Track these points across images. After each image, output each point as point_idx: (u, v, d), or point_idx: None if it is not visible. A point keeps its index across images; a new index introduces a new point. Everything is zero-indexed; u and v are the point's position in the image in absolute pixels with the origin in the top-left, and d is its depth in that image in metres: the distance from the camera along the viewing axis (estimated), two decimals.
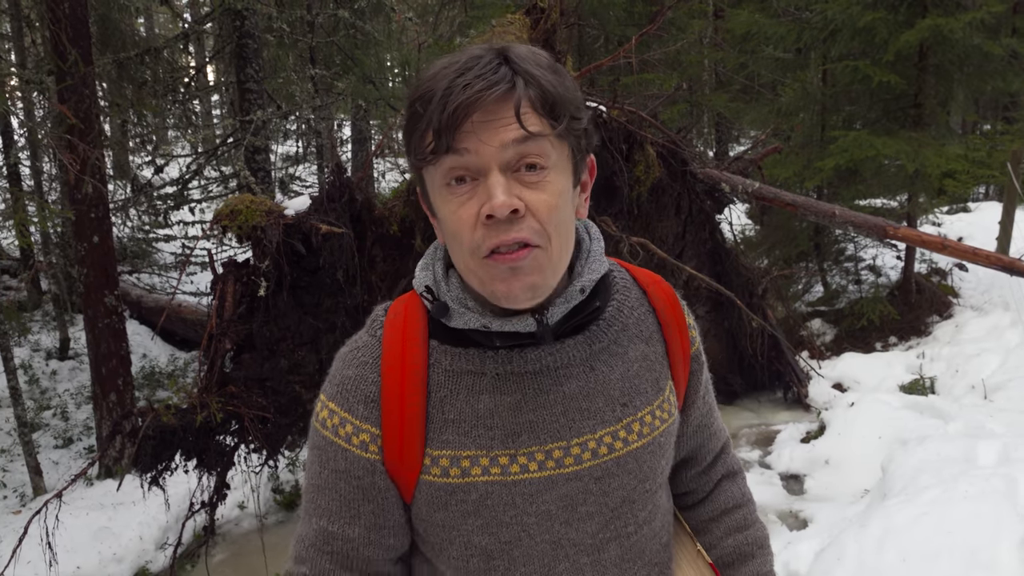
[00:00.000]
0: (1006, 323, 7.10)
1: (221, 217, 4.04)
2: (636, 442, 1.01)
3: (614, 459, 1.00)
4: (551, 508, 0.98)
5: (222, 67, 10.41)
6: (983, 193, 17.03)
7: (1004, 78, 8.08)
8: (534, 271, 0.90)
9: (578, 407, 0.99)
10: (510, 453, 0.97)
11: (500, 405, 0.97)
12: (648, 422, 1.03)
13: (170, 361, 8.27)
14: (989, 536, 3.11)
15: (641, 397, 1.03)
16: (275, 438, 4.27)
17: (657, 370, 1.06)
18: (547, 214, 0.89)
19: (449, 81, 0.87)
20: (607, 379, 1.01)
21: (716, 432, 1.22)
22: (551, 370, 0.98)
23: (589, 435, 0.99)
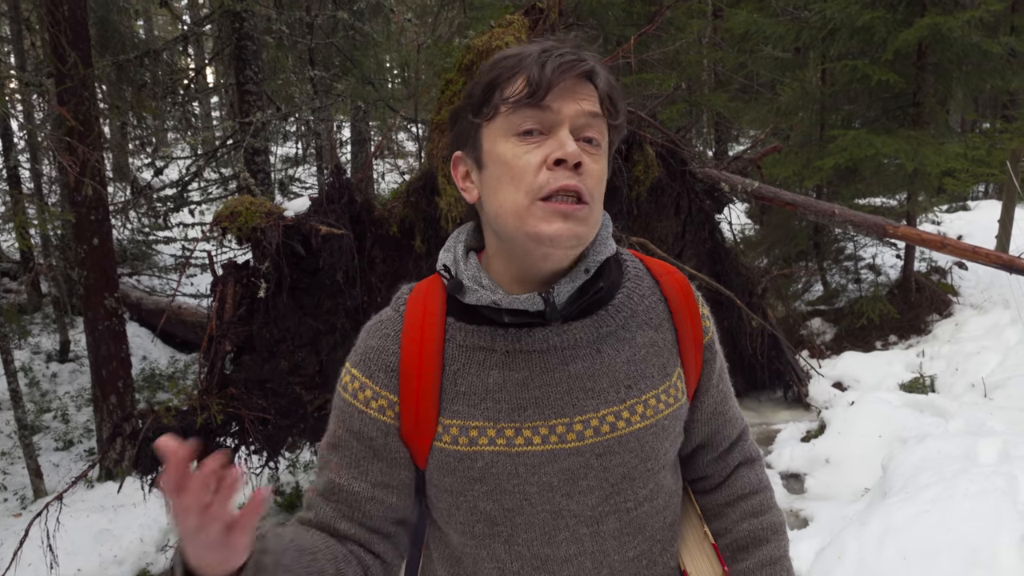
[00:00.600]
0: (1006, 321, 7.10)
1: (221, 219, 4.05)
2: (639, 423, 1.06)
3: (615, 437, 1.05)
4: (552, 480, 1.04)
5: (221, 69, 10.42)
6: (982, 191, 17.03)
7: (1003, 76, 8.08)
8: (582, 223, 0.98)
9: (582, 386, 1.04)
10: (515, 426, 1.03)
11: (508, 380, 1.04)
12: (652, 405, 1.07)
13: (170, 363, 8.27)
14: (989, 534, 3.11)
15: (646, 381, 1.07)
16: (275, 440, 4.27)
17: (665, 356, 1.10)
18: (596, 181, 1.00)
19: (540, 50, 0.99)
20: (613, 361, 1.06)
21: (732, 419, 1.24)
22: (558, 350, 1.04)
23: (592, 413, 1.04)
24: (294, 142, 12.71)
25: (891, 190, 9.20)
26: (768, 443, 5.41)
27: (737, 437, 1.26)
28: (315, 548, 1.05)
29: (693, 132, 12.25)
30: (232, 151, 8.18)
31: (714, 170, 5.95)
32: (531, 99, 0.96)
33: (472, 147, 1.05)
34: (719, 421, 1.22)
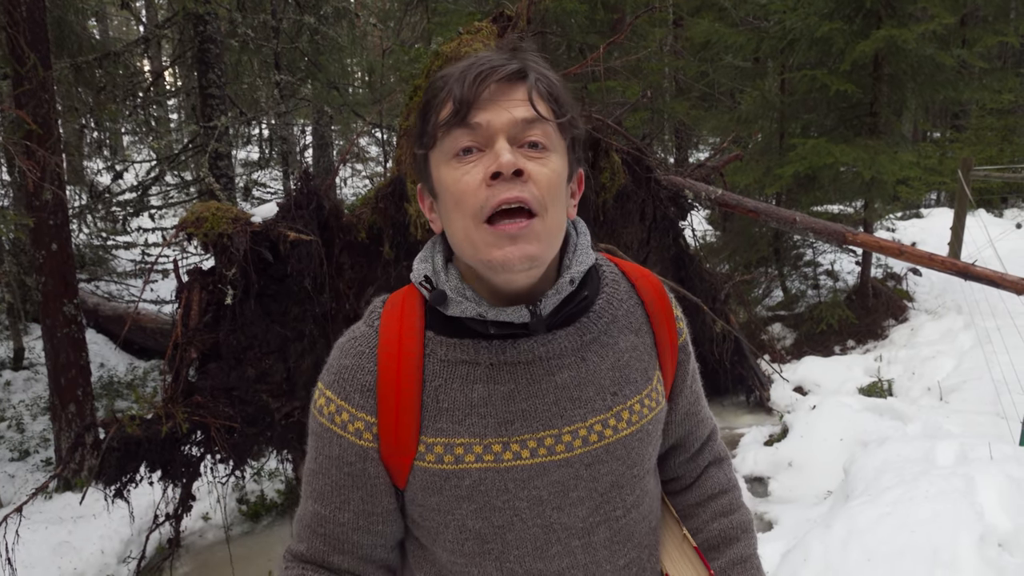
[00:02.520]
0: (959, 326, 7.30)
1: (187, 224, 3.99)
2: (625, 430, 1.05)
3: (603, 446, 1.04)
4: (542, 494, 1.01)
5: (183, 72, 10.27)
6: (935, 199, 17.47)
7: (955, 87, 8.31)
8: (533, 240, 0.93)
9: (569, 396, 1.02)
10: (503, 441, 1.00)
11: (494, 394, 1.00)
12: (637, 410, 1.07)
13: (129, 370, 8.11)
14: (949, 534, 3.19)
15: (631, 386, 1.07)
16: (242, 448, 4.23)
17: (646, 360, 1.10)
18: (546, 184, 0.95)
19: (466, 66, 0.96)
20: (598, 369, 1.05)
21: (703, 420, 1.26)
22: (543, 360, 1.02)
23: (580, 423, 1.02)
24: (257, 146, 12.58)
25: (848, 198, 9.40)
26: (732, 447, 5.48)
27: (707, 437, 1.27)
28: None
29: (655, 139, 12.37)
30: (194, 155, 8.07)
31: (678, 177, 6.02)
32: (457, 117, 0.93)
33: (425, 177, 1.02)
34: (692, 422, 1.23)
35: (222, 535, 4.98)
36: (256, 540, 5.08)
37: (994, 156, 14.39)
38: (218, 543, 4.94)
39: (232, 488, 5.36)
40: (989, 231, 10.11)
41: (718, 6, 10.91)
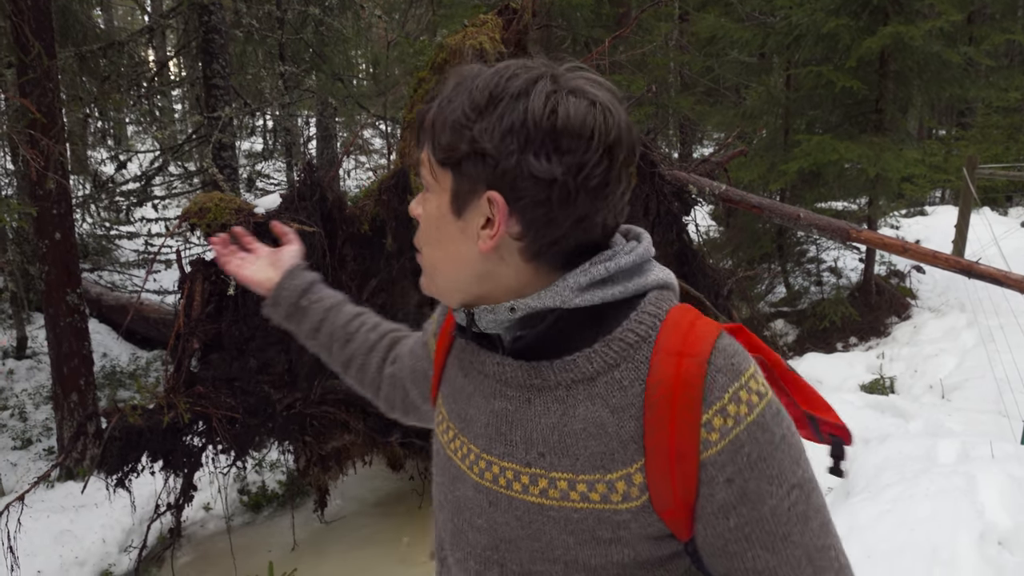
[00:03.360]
0: (962, 324, 7.29)
1: (189, 215, 4.00)
2: (535, 498, 0.93)
3: (507, 496, 0.96)
4: (460, 500, 1.02)
5: (187, 62, 10.26)
6: (939, 197, 17.43)
7: (961, 85, 8.29)
8: (426, 272, 1.01)
9: (497, 427, 0.97)
10: (455, 430, 1.04)
11: (464, 388, 1.04)
12: (562, 488, 0.91)
13: (132, 360, 8.13)
14: (949, 533, 3.19)
15: (565, 460, 0.91)
16: (243, 439, 4.23)
17: (612, 447, 0.90)
18: (420, 229, 0.98)
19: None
20: (536, 419, 0.94)
21: (765, 573, 0.90)
22: (492, 379, 0.99)
23: (496, 459, 0.97)
24: (260, 137, 12.57)
25: (852, 194, 9.39)
26: None
27: None
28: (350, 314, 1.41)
29: (659, 134, 12.36)
30: (198, 146, 8.07)
31: (682, 172, 6.01)
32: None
33: None
34: (736, 566, 0.91)
35: (223, 525, 5.00)
36: (257, 531, 5.10)
37: (1000, 154, 14.35)
38: (219, 533, 4.96)
39: (233, 479, 5.38)
40: (994, 229, 10.08)
41: (724, 1, 10.87)
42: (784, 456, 0.89)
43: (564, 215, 0.88)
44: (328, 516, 5.06)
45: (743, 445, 0.86)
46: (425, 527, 5.02)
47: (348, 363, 1.41)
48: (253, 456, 5.49)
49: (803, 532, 0.89)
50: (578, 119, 0.84)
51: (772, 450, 0.88)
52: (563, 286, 0.90)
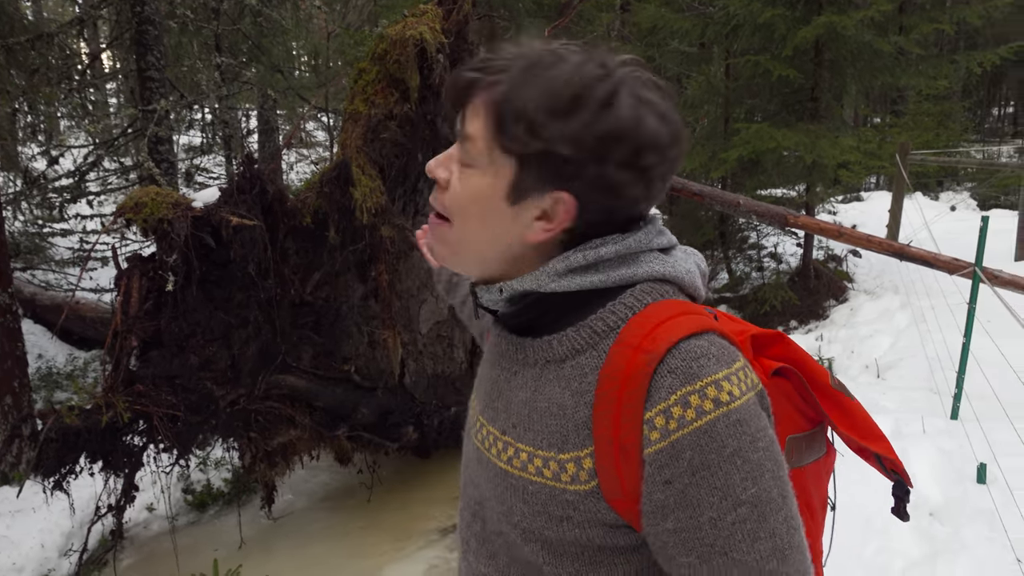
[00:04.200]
0: (896, 306, 7.52)
1: (125, 210, 3.90)
2: (503, 464, 0.99)
3: (487, 457, 1.03)
4: (468, 454, 1.11)
5: (120, 54, 9.98)
6: (874, 183, 17.92)
7: (892, 73, 8.53)
8: (440, 240, 0.98)
9: (490, 393, 1.05)
10: (475, 391, 1.12)
11: (485, 359, 1.11)
12: (522, 459, 0.95)
13: (68, 361, 7.90)
14: (882, 506, 3.31)
15: (529, 434, 0.95)
16: (186, 437, 4.16)
17: (567, 430, 0.92)
18: (452, 199, 0.94)
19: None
20: (515, 392, 0.99)
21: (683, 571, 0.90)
22: (493, 349, 1.06)
23: (486, 422, 1.04)
24: (199, 131, 12.31)
25: (791, 181, 9.60)
26: None
27: None
28: None
29: None
30: (133, 140, 7.87)
31: None
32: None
33: None
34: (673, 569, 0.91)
35: (167, 525, 4.91)
36: (202, 530, 5.02)
37: (930, 140, 14.81)
38: (163, 534, 4.87)
39: (177, 478, 5.29)
40: (925, 213, 10.41)
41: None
42: (733, 470, 0.85)
43: (622, 216, 0.93)
44: (276, 512, 5.01)
45: (684, 450, 0.84)
46: (375, 520, 5.00)
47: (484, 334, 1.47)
48: (197, 454, 5.39)
49: (748, 552, 0.85)
50: (659, 133, 0.88)
51: (719, 461, 0.84)
52: (542, 271, 0.93)
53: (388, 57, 4.61)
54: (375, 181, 4.54)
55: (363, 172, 4.48)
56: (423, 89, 4.70)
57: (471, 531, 1.08)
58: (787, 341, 1.01)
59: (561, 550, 0.95)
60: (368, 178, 4.49)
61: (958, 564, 3.09)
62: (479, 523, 1.06)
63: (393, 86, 4.66)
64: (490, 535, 1.04)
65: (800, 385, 1.04)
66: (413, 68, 4.58)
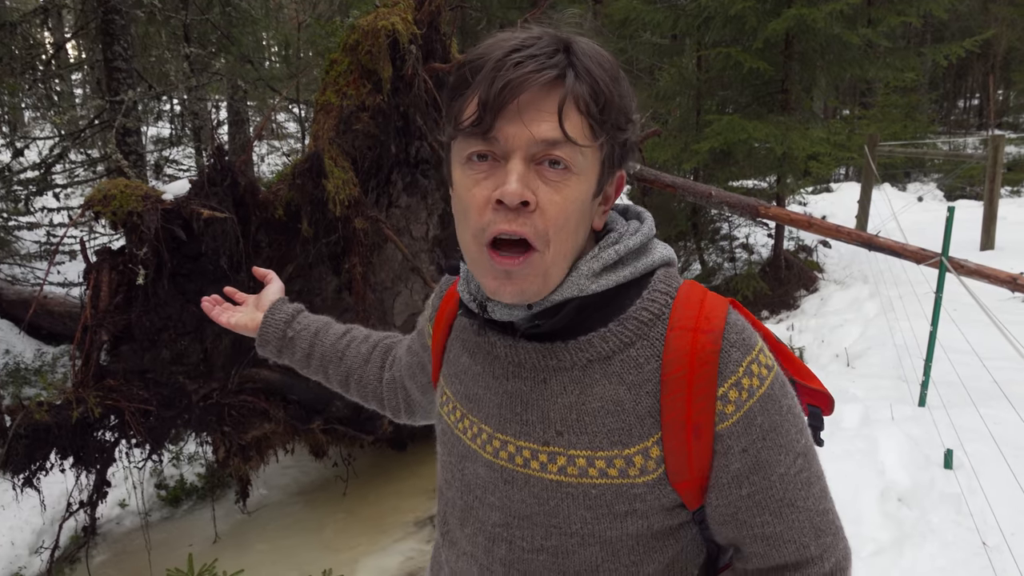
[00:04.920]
0: (865, 295, 7.63)
1: (93, 202, 3.85)
2: (553, 475, 0.95)
3: (524, 474, 0.97)
4: (470, 478, 1.04)
5: (86, 44, 9.81)
6: (843, 174, 18.11)
7: (861, 66, 8.62)
8: (527, 277, 0.89)
9: (511, 408, 0.98)
10: (463, 411, 1.05)
11: (470, 369, 1.05)
12: (579, 464, 0.93)
13: (37, 356, 7.78)
14: (854, 491, 3.36)
15: (583, 438, 0.93)
16: (159, 432, 4.12)
17: (629, 422, 0.92)
18: (555, 216, 0.87)
19: (503, 54, 0.85)
20: (552, 399, 0.95)
21: (773, 539, 0.95)
22: (503, 361, 0.99)
23: (512, 438, 0.98)
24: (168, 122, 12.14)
25: (762, 173, 9.68)
26: None
27: (787, 564, 0.97)
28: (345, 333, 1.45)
29: None
30: (101, 131, 7.75)
31: None
32: (478, 127, 0.86)
33: (446, 161, 0.97)
34: (744, 533, 0.96)
35: (140, 521, 4.87)
36: (176, 525, 4.99)
37: (898, 132, 15.01)
38: (136, 530, 4.83)
39: (150, 473, 5.24)
40: (893, 204, 10.56)
41: None
42: (791, 426, 0.93)
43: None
44: (250, 506, 4.98)
45: (756, 416, 0.90)
46: (350, 513, 5.00)
47: (347, 380, 1.43)
48: (170, 449, 5.35)
49: (807, 497, 0.94)
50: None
51: (781, 420, 0.92)
52: (578, 276, 0.93)
53: (360, 48, 4.58)
54: (348, 173, 4.51)
55: (336, 164, 4.46)
56: (395, 80, 4.67)
57: (493, 557, 1.02)
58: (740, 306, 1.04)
59: (619, 545, 0.96)
60: (341, 170, 4.47)
61: (925, 547, 3.15)
62: (504, 547, 1.00)
63: (365, 77, 4.64)
64: (524, 555, 0.99)
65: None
66: (385, 59, 4.56)
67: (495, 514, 1.01)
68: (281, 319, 1.43)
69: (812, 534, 0.95)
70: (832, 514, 0.98)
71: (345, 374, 1.42)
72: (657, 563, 0.98)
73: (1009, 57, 21.55)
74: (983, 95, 24.15)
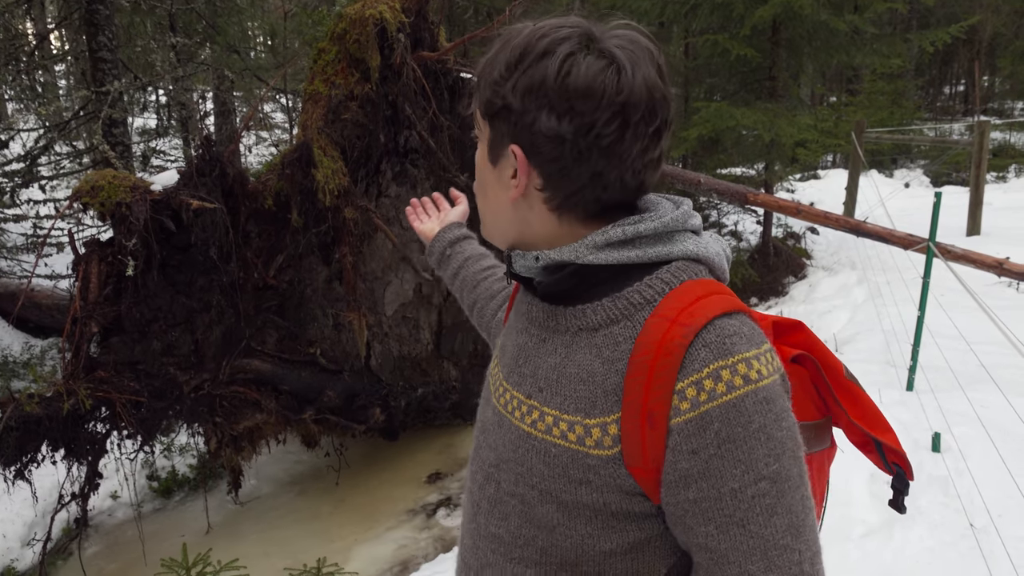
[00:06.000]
0: (853, 281, 7.68)
1: (81, 193, 3.83)
2: (526, 426, 1.01)
3: (508, 420, 1.05)
4: (484, 420, 1.14)
5: (70, 35, 9.72)
6: (831, 161, 18.17)
7: (847, 52, 8.65)
8: (480, 216, 1.09)
9: (516, 359, 1.08)
10: (496, 359, 1.15)
11: (511, 323, 1.15)
12: (547, 423, 0.98)
13: (25, 349, 7.74)
14: (844, 476, 3.40)
15: (556, 399, 0.98)
16: (150, 423, 4.12)
17: (596, 396, 0.95)
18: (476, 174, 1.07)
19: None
20: (544, 357, 1.02)
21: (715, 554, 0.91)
22: (523, 316, 1.09)
23: (510, 387, 1.07)
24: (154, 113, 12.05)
25: (750, 160, 9.71)
26: None
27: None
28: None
29: None
30: (86, 123, 7.69)
31: None
32: None
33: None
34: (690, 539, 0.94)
35: (133, 513, 4.86)
36: (168, 516, 4.99)
37: (885, 119, 15.06)
38: (128, 521, 4.83)
39: (141, 465, 5.23)
40: (880, 190, 10.61)
41: None
42: (757, 445, 0.88)
43: (578, 171, 0.93)
44: (243, 497, 4.99)
45: (712, 422, 0.87)
46: (343, 502, 5.00)
47: (472, 306, 1.58)
48: (161, 440, 5.35)
49: (764, 525, 0.88)
50: (587, 80, 0.88)
51: (745, 435, 0.87)
52: (580, 244, 0.97)
53: (348, 37, 4.56)
54: (337, 162, 4.50)
55: (325, 153, 4.44)
56: (384, 69, 4.66)
57: (483, 494, 1.09)
58: (806, 330, 1.06)
59: (576, 512, 0.98)
60: (330, 159, 4.46)
61: (914, 529, 3.19)
62: (492, 486, 1.08)
63: (353, 66, 4.62)
64: (504, 497, 1.05)
65: (816, 373, 1.10)
66: (374, 48, 4.54)
67: (491, 454, 1.08)
68: (448, 238, 1.63)
69: (761, 565, 0.89)
70: (799, 556, 0.88)
71: (472, 301, 1.57)
72: (615, 542, 0.98)
73: (994, 43, 21.64)
74: (968, 81, 24.26)
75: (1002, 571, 2.87)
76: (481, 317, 1.56)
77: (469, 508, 1.14)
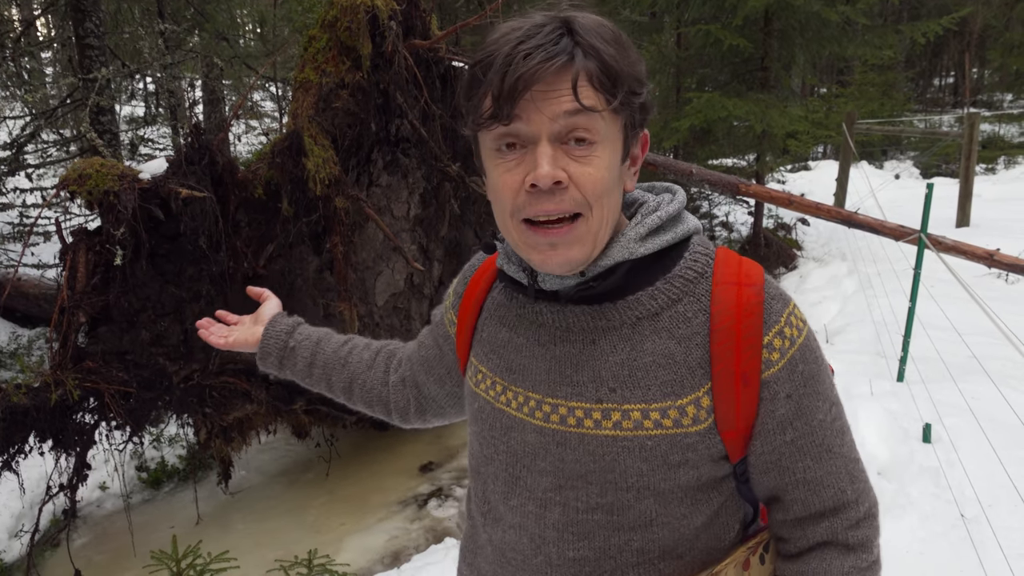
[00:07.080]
0: (843, 272, 7.69)
1: (68, 182, 3.78)
2: (608, 431, 0.98)
3: (577, 434, 1.00)
4: (516, 447, 1.07)
5: (56, 21, 9.61)
6: (822, 152, 18.20)
7: (839, 43, 8.64)
8: (575, 244, 0.94)
9: (561, 371, 1.03)
10: (503, 384, 1.09)
11: (511, 342, 1.09)
12: (634, 418, 0.97)
13: (12, 339, 7.68)
14: None
15: (636, 392, 0.98)
16: (139, 414, 4.09)
17: (680, 374, 0.97)
18: (591, 187, 0.92)
19: (511, 48, 0.90)
20: (605, 358, 1.00)
21: (813, 483, 1.02)
22: (549, 328, 1.05)
23: (563, 400, 1.02)
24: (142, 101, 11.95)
25: (741, 150, 9.71)
26: None
27: (828, 510, 1.04)
28: (345, 342, 1.48)
29: None
30: (73, 110, 7.61)
31: None
32: (495, 120, 0.91)
33: (476, 153, 1.02)
34: (786, 479, 1.03)
35: (121, 504, 4.84)
36: (157, 507, 4.96)
37: (876, 110, 15.09)
38: (117, 512, 4.80)
39: (130, 455, 5.20)
40: (871, 181, 10.63)
41: None
42: (825, 375, 1.01)
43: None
44: (233, 488, 4.96)
45: (798, 364, 0.98)
46: (334, 493, 4.99)
47: (350, 386, 1.44)
48: (150, 431, 5.31)
49: (842, 444, 1.03)
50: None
51: (818, 369, 1.00)
52: (626, 240, 0.99)
53: (339, 24, 4.52)
54: (328, 151, 4.46)
55: (315, 142, 4.41)
56: (375, 57, 4.62)
57: (546, 522, 1.04)
58: None
59: (671, 497, 1.01)
60: (321, 148, 4.42)
61: (905, 520, 3.20)
62: (558, 510, 1.03)
63: (344, 54, 4.58)
64: (579, 517, 1.02)
65: None
66: (365, 35, 4.50)
67: (546, 479, 1.03)
68: (282, 330, 1.47)
69: (848, 479, 1.02)
70: (862, 463, 1.05)
71: (348, 380, 1.44)
72: (704, 515, 1.04)
73: (984, 35, 21.68)
74: (958, 73, 24.30)
75: (993, 561, 2.88)
76: (368, 390, 1.43)
77: (526, 545, 1.07)
